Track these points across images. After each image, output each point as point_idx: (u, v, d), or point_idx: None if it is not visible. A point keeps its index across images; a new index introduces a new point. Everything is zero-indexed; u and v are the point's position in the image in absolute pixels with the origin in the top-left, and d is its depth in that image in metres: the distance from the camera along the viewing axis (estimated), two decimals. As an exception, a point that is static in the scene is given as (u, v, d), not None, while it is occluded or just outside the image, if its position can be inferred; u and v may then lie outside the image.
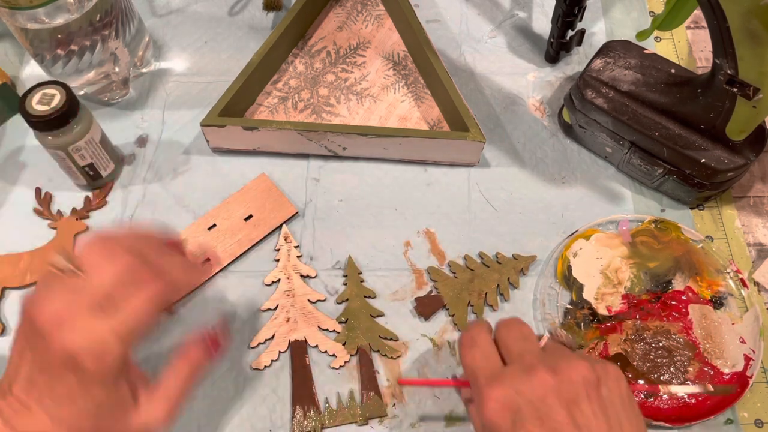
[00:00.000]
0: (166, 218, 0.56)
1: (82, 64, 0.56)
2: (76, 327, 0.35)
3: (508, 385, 0.37)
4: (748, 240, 0.55)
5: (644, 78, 0.55)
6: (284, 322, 0.51)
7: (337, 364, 0.50)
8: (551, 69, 0.65)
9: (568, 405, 0.36)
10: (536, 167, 0.59)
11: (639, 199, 0.57)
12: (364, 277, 0.53)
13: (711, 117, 0.50)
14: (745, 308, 0.52)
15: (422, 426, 0.48)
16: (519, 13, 0.68)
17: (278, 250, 0.54)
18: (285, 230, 0.55)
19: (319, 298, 0.52)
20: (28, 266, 0.53)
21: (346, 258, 0.54)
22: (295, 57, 0.65)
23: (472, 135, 0.55)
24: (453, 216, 0.56)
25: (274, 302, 0.52)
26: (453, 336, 0.51)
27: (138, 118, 0.62)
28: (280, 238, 0.55)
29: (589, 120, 0.56)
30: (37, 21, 0.52)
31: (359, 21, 0.67)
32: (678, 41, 0.66)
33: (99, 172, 0.56)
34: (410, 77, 0.63)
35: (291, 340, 0.51)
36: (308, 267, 0.54)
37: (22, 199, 0.57)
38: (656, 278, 0.53)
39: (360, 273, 0.53)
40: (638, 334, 0.51)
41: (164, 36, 0.67)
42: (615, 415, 0.37)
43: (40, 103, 0.49)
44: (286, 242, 0.54)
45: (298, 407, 0.48)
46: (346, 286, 0.53)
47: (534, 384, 0.37)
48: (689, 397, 0.48)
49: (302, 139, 0.57)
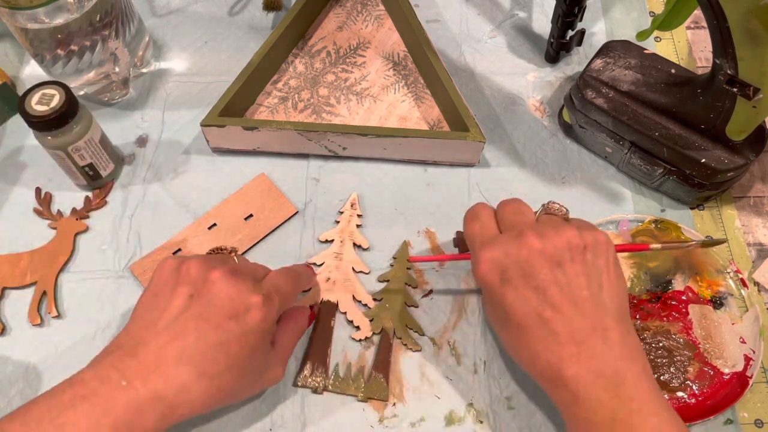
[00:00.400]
0: (166, 218, 0.56)
1: (82, 64, 0.56)
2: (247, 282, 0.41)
3: (499, 248, 0.41)
4: (748, 240, 0.55)
5: (644, 78, 0.55)
6: (324, 281, 0.53)
7: (358, 336, 0.51)
8: (551, 69, 0.65)
9: (551, 266, 0.40)
10: (536, 167, 0.59)
11: (639, 199, 0.57)
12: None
13: (711, 117, 0.50)
14: (745, 308, 0.52)
15: (422, 426, 0.48)
16: (519, 13, 0.68)
17: (342, 212, 0.56)
18: (354, 197, 0.57)
19: (363, 269, 0.54)
20: (28, 266, 0.53)
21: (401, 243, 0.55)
22: (295, 57, 0.65)
23: (472, 135, 0.55)
24: (453, 216, 0.56)
25: (322, 259, 0.54)
26: (453, 336, 0.51)
27: (138, 118, 0.62)
28: (347, 203, 0.56)
29: (589, 120, 0.56)
30: (37, 21, 0.52)
31: (359, 21, 0.67)
32: (678, 41, 0.66)
33: (99, 172, 0.56)
34: (410, 77, 0.63)
35: (324, 300, 0.52)
36: (363, 237, 0.55)
37: (22, 199, 0.57)
38: (656, 278, 0.53)
39: (409, 268, 0.54)
40: (638, 334, 0.51)
41: (164, 36, 0.67)
42: (596, 276, 0.40)
43: (39, 103, 0.49)
44: (351, 208, 0.56)
45: (308, 363, 0.49)
46: (392, 267, 0.54)
47: (521, 247, 0.41)
48: (689, 397, 0.48)
49: (302, 139, 0.57)
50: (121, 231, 0.56)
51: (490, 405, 0.49)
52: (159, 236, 0.55)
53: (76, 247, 0.55)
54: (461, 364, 0.50)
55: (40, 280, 0.53)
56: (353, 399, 0.49)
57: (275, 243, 0.55)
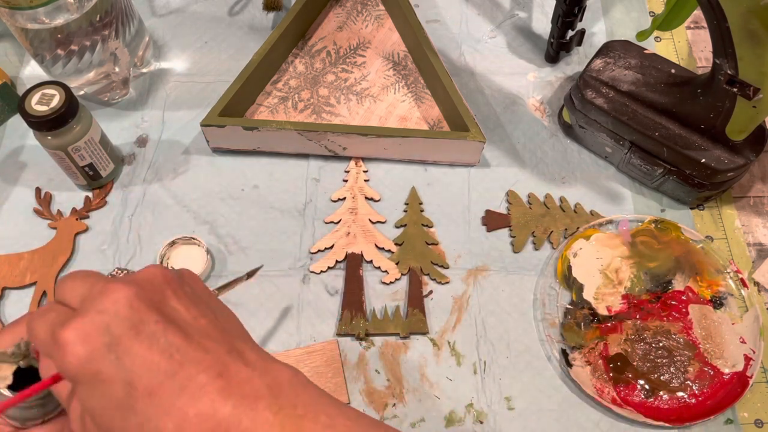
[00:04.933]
0: (166, 218, 0.56)
1: (82, 64, 0.56)
2: None
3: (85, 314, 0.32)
4: (748, 240, 0.55)
5: (644, 78, 0.55)
6: (344, 235, 0.55)
7: (388, 279, 0.53)
8: (551, 69, 0.65)
9: (157, 306, 0.33)
10: (536, 167, 0.59)
11: (639, 199, 0.57)
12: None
13: (711, 117, 0.50)
14: (745, 308, 0.52)
15: (422, 426, 0.48)
16: (519, 13, 0.68)
17: (348, 171, 0.58)
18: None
19: (379, 219, 0.56)
20: (28, 266, 0.53)
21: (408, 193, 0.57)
22: (295, 57, 0.65)
23: (472, 135, 0.55)
24: (453, 216, 0.56)
25: (338, 216, 0.56)
26: (453, 336, 0.51)
27: (138, 118, 0.62)
28: (351, 162, 0.58)
29: (589, 120, 0.56)
30: (37, 21, 0.52)
31: (359, 21, 0.67)
32: (678, 41, 0.66)
33: (99, 172, 0.56)
34: (410, 77, 0.63)
35: (348, 252, 0.54)
36: (373, 190, 0.57)
37: (22, 199, 0.57)
38: (656, 278, 0.53)
39: (421, 203, 0.57)
40: (638, 334, 0.51)
41: (164, 36, 0.66)
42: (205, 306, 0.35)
43: (39, 104, 0.49)
44: (356, 166, 0.58)
45: (346, 311, 0.52)
46: (406, 213, 0.56)
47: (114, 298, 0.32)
48: (689, 397, 0.48)
49: (302, 139, 0.57)
50: (121, 231, 0.56)
51: (490, 405, 0.49)
52: (159, 236, 0.55)
53: (76, 247, 0.55)
54: (461, 364, 0.50)
55: (40, 280, 0.53)
56: (395, 338, 0.51)
57: (275, 243, 0.55)
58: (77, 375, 0.31)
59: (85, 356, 0.31)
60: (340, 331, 0.51)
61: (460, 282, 0.53)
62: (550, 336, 0.51)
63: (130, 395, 0.31)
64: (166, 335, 0.32)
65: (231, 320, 0.36)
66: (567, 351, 0.50)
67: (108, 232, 0.56)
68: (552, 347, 0.50)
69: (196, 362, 0.32)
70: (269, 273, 0.54)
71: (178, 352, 0.32)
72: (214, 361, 0.32)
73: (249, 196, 0.57)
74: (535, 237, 0.55)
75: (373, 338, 0.51)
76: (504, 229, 0.56)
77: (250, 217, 0.56)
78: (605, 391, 0.49)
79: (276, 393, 0.33)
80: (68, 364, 0.31)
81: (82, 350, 0.31)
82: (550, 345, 0.51)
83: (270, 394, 0.32)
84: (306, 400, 0.33)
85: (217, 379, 0.32)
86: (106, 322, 0.32)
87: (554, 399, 0.49)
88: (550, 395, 0.49)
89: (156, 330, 0.32)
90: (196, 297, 0.35)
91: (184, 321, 0.33)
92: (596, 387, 0.49)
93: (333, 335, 0.51)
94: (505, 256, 0.55)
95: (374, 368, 0.50)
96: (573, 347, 0.50)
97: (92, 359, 0.31)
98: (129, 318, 0.32)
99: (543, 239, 0.55)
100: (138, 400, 0.31)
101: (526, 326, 0.52)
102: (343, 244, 0.55)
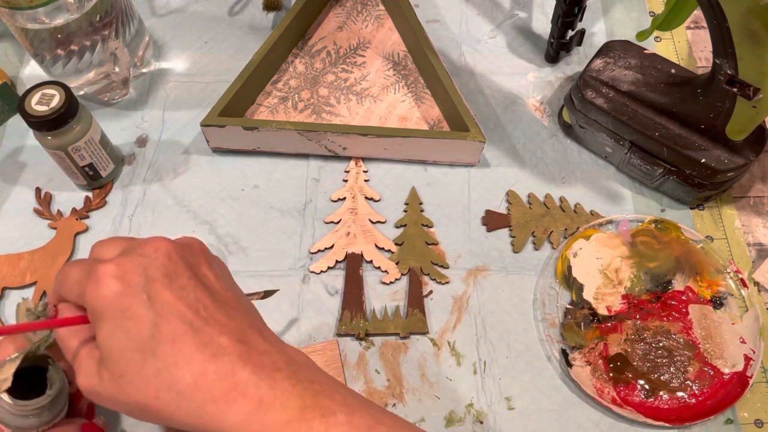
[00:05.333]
0: (166, 218, 0.56)
1: (82, 64, 0.56)
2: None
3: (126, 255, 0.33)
4: (748, 240, 0.55)
5: (644, 78, 0.55)
6: (344, 235, 0.55)
7: (388, 279, 0.53)
8: (551, 69, 0.65)
9: (192, 267, 0.35)
10: (536, 167, 0.59)
11: (639, 199, 0.57)
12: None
13: (711, 117, 0.50)
14: (745, 308, 0.52)
15: (422, 426, 0.48)
16: (519, 13, 0.68)
17: (348, 171, 0.58)
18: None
19: (379, 219, 0.56)
20: (28, 266, 0.53)
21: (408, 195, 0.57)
22: (295, 57, 0.65)
23: (472, 135, 0.55)
24: (453, 216, 0.57)
25: (338, 216, 0.56)
26: (453, 336, 0.51)
27: (138, 118, 0.62)
28: (351, 162, 0.58)
29: (589, 120, 0.56)
30: (37, 21, 0.52)
31: (359, 21, 0.67)
32: (678, 41, 0.66)
33: (99, 172, 0.56)
34: (410, 77, 0.63)
35: (348, 252, 0.54)
36: (373, 190, 0.57)
37: (22, 199, 0.57)
38: (656, 278, 0.53)
39: (421, 203, 0.57)
40: (638, 334, 0.51)
41: (164, 36, 0.67)
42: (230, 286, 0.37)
43: (39, 104, 0.49)
44: (356, 166, 0.58)
45: (346, 311, 0.52)
46: (406, 213, 0.56)
47: (156, 245, 0.34)
48: (689, 397, 0.48)
49: (302, 139, 0.57)
50: (121, 231, 0.55)
51: (490, 405, 0.49)
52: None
53: (76, 247, 0.55)
54: (461, 364, 0.50)
55: (40, 280, 0.53)
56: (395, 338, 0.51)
57: (275, 243, 0.55)
58: (106, 309, 0.32)
59: (119, 290, 0.32)
60: (340, 331, 0.51)
61: (460, 282, 0.54)
62: (550, 336, 0.51)
63: (154, 337, 0.32)
64: (195, 292, 0.34)
65: (250, 305, 0.38)
66: (567, 351, 0.50)
67: (108, 232, 0.56)
68: (552, 347, 0.50)
69: (220, 324, 0.33)
70: (269, 273, 0.54)
71: (205, 310, 0.33)
72: (236, 328, 0.34)
73: (249, 196, 0.57)
74: (535, 237, 0.55)
75: (373, 338, 0.51)
76: (504, 229, 0.56)
77: (250, 217, 0.56)
78: (605, 391, 0.49)
79: (294, 368, 0.34)
80: (100, 297, 0.32)
81: (118, 284, 0.32)
82: (550, 345, 0.51)
83: (288, 368, 0.33)
84: (321, 379, 0.34)
85: (238, 344, 0.33)
86: (145, 264, 0.33)
87: (554, 399, 0.49)
88: (550, 395, 0.49)
89: (187, 285, 0.34)
90: (224, 275, 0.37)
91: (213, 287, 0.35)
92: (596, 387, 0.49)
93: (333, 335, 0.51)
94: (505, 256, 0.55)
95: (374, 368, 0.50)
96: (573, 347, 0.50)
97: (125, 294, 0.32)
98: (165, 266, 0.34)
99: (543, 239, 0.55)
100: (161, 344, 0.32)
101: (526, 326, 0.52)
102: (343, 244, 0.55)
